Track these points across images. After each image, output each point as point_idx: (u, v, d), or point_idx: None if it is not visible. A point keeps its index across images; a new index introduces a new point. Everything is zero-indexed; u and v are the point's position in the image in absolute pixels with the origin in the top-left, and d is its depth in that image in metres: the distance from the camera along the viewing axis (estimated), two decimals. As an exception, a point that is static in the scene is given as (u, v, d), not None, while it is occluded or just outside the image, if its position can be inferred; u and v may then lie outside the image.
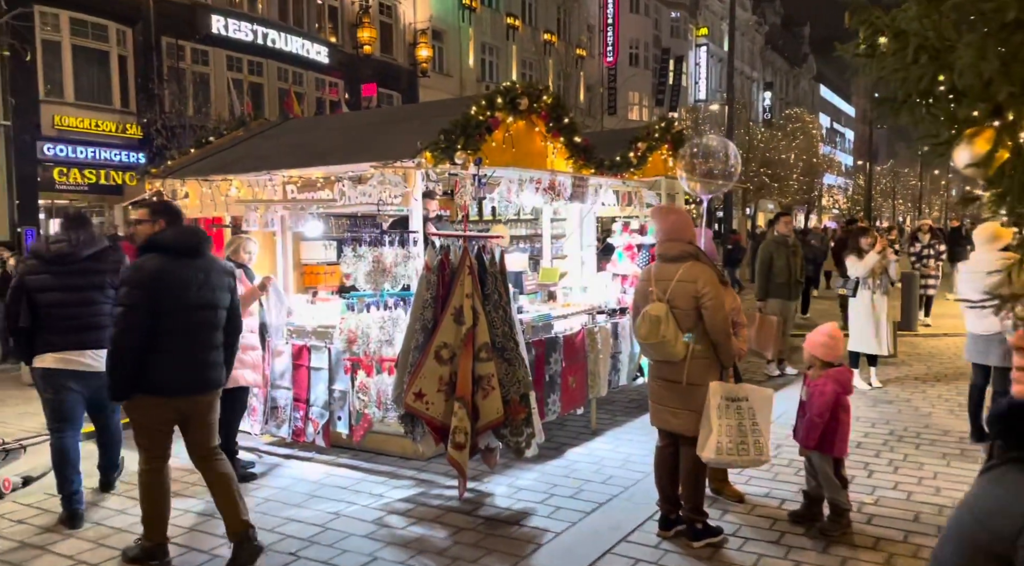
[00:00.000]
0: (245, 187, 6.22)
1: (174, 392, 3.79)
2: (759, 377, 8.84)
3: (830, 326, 4.56)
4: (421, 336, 4.48)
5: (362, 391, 4.92)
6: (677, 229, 4.15)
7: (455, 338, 4.46)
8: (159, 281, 3.68)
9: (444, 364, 4.43)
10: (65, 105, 17.96)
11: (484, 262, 4.64)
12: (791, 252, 8.55)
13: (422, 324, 4.48)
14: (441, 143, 5.38)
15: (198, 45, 21.07)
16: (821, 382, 4.31)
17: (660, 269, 4.17)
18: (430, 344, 4.44)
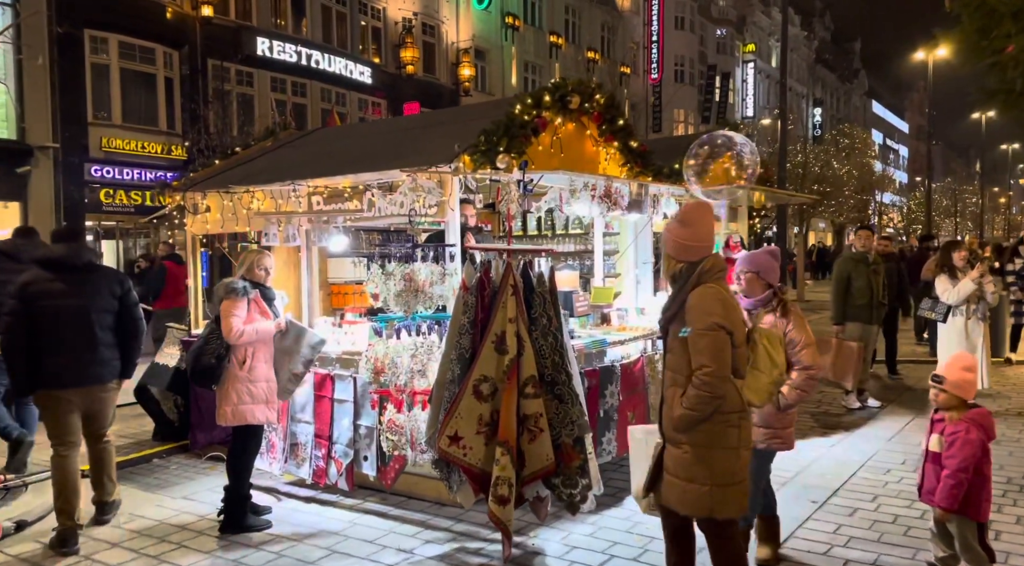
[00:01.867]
0: (268, 199, 5.67)
1: (66, 385, 4.38)
2: (836, 410, 7.92)
3: (965, 356, 3.84)
4: (457, 367, 3.80)
5: (392, 430, 4.25)
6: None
7: (497, 370, 3.77)
8: (31, 291, 4.33)
9: (484, 401, 3.74)
10: (112, 127, 18.11)
11: (531, 280, 3.95)
12: (872, 271, 7.62)
13: (458, 353, 3.81)
14: (481, 145, 4.75)
15: (243, 67, 21.25)
16: (963, 427, 3.51)
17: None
18: (468, 377, 3.75)
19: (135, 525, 4.76)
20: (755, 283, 3.86)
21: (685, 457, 3.04)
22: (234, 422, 4.35)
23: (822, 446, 6.51)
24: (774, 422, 3.81)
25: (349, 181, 5.17)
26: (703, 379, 2.94)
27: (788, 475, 5.66)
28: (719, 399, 2.96)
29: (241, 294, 4.33)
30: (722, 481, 3.01)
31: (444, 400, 3.78)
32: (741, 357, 3.10)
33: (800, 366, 3.67)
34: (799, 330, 3.71)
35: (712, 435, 3.01)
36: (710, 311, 2.97)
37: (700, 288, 3.04)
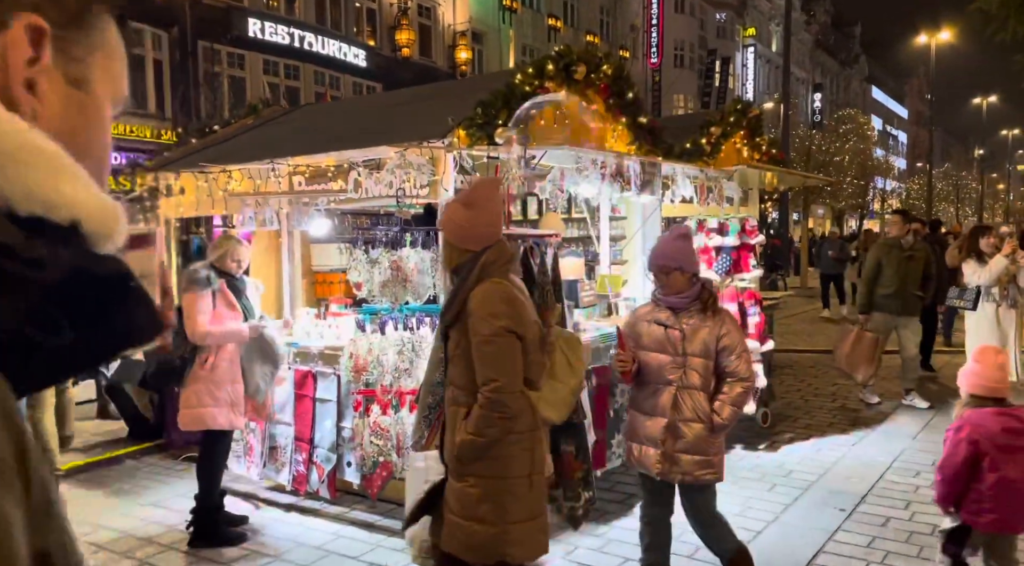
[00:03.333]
0: (246, 179, 5.20)
1: None
2: (854, 404, 7.49)
3: (984, 348, 3.41)
4: (447, 369, 3.35)
5: (377, 434, 3.80)
6: None
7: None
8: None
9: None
10: (101, 111, 17.60)
11: (531, 268, 3.50)
12: (907, 257, 7.05)
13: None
14: (478, 118, 4.28)
15: (234, 49, 20.76)
16: (956, 425, 3.28)
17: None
18: (460, 378, 3.30)
19: (97, 537, 4.33)
20: (679, 279, 3.19)
21: (470, 493, 2.52)
22: (193, 427, 3.91)
23: (843, 444, 6.09)
24: (707, 448, 3.15)
25: (333, 159, 4.70)
26: (490, 396, 2.43)
27: (811, 479, 5.23)
28: (511, 420, 2.46)
29: (204, 285, 3.87)
30: (516, 518, 2.51)
31: (430, 405, 3.33)
32: (536, 365, 2.59)
33: (736, 377, 3.13)
34: (733, 333, 3.17)
35: (502, 462, 2.51)
36: (495, 313, 2.47)
37: (483, 285, 2.53)
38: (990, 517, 3.15)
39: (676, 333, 3.13)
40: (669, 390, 3.11)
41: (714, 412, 3.09)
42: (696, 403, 3.09)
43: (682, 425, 3.09)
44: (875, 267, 7.13)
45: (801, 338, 12.03)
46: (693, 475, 3.13)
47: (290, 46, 21.25)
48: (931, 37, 33.95)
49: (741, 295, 5.83)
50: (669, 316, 3.19)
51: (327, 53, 22.25)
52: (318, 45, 22.03)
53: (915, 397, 7.20)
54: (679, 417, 3.09)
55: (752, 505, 4.74)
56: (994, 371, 3.22)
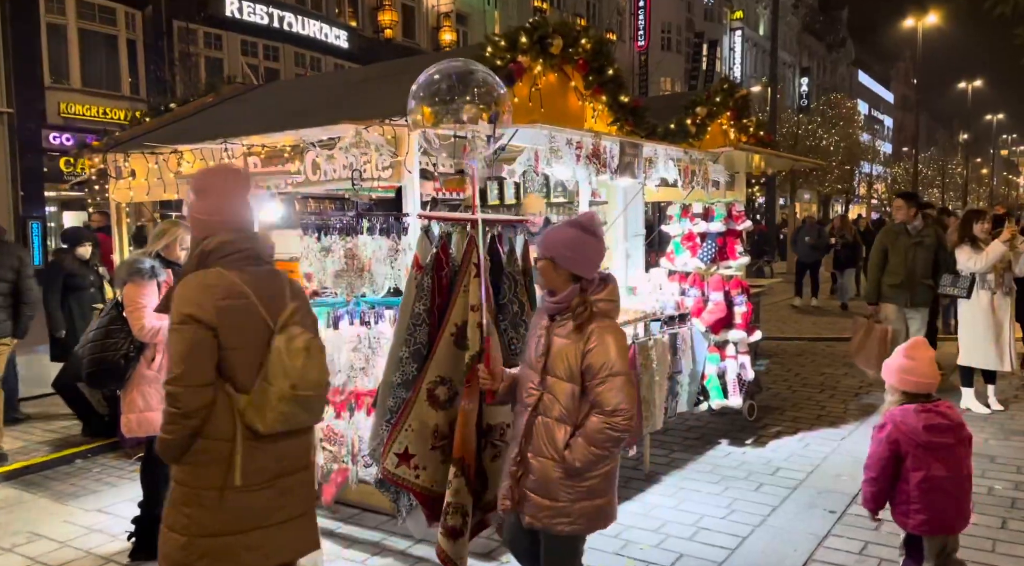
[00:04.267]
0: (199, 161, 4.84)
1: None
2: (844, 394, 7.25)
3: (915, 342, 3.23)
4: (410, 366, 3.03)
5: (329, 439, 3.49)
6: None
7: (456, 370, 3.01)
8: None
9: (441, 408, 2.99)
10: (71, 91, 17.19)
11: (500, 258, 3.18)
12: (915, 243, 6.61)
13: (412, 349, 3.04)
14: (444, 93, 3.94)
15: (211, 29, 20.32)
16: (880, 423, 3.16)
17: None
18: (420, 379, 2.99)
19: (32, 549, 4.00)
20: (552, 274, 2.60)
21: (171, 497, 2.35)
22: (140, 433, 3.58)
23: (832, 439, 5.85)
24: (558, 492, 2.52)
25: (290, 138, 4.35)
26: (167, 388, 2.25)
27: (799, 477, 4.98)
28: (190, 418, 2.24)
29: (148, 276, 3.53)
30: (206, 530, 2.28)
31: (390, 408, 3.02)
32: (240, 363, 2.32)
33: (599, 409, 2.45)
34: (602, 352, 2.47)
35: (190, 469, 2.30)
36: (187, 299, 2.30)
37: (196, 274, 2.35)
38: (919, 518, 3.02)
39: (541, 346, 2.58)
40: (525, 414, 2.59)
41: (567, 449, 2.48)
42: (551, 436, 2.50)
43: (531, 458, 2.55)
44: (881, 254, 6.75)
45: (788, 325, 11.81)
46: (541, 521, 2.55)
47: (269, 26, 20.79)
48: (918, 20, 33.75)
49: (727, 284, 5.55)
50: (547, 323, 2.63)
51: (308, 34, 21.77)
52: (298, 25, 21.55)
53: None
54: (529, 448, 2.56)
55: (737, 507, 4.48)
56: (927, 367, 3.06)
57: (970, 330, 6.48)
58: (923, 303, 6.69)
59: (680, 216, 5.63)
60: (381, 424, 3.01)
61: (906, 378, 3.06)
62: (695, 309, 5.49)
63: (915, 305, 6.64)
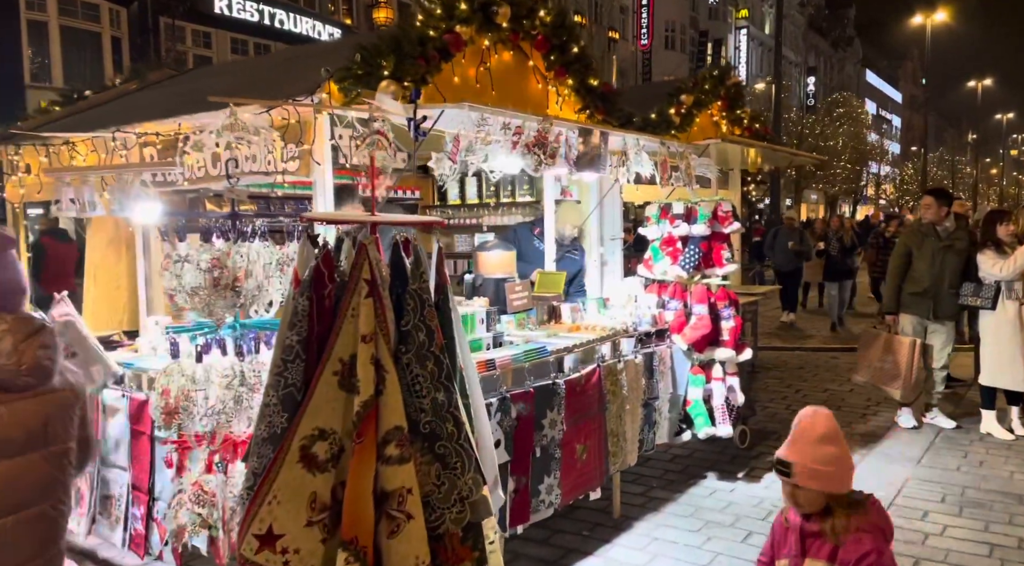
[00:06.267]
0: (91, 153, 4.16)
1: None
2: (849, 415, 6.50)
3: (818, 417, 2.27)
4: (279, 417, 2.33)
5: (199, 500, 2.79)
6: None
7: (342, 420, 2.31)
8: None
9: (321, 471, 2.28)
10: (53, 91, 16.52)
11: (404, 271, 2.48)
12: (945, 247, 5.86)
13: (281, 394, 2.33)
14: (356, 68, 3.26)
15: (199, 26, 19.74)
16: (868, 547, 2.12)
17: None
18: (291, 432, 2.28)
19: None
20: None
21: None
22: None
23: (834, 472, 5.11)
24: None
25: (188, 125, 3.65)
26: None
27: (794, 523, 4.25)
28: None
29: None
30: None
31: (254, 471, 2.32)
32: None
33: None
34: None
35: None
36: None
37: None
38: None
39: None
40: None
41: None
42: None
43: None
44: (904, 258, 5.99)
45: (789, 334, 11.06)
46: None
47: (260, 24, 20.19)
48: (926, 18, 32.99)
49: (713, 294, 4.83)
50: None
51: (300, 31, 21.14)
52: (290, 23, 20.96)
53: (939, 415, 6.16)
54: None
55: (721, 563, 3.77)
56: (818, 447, 2.19)
57: (995, 346, 5.74)
58: (948, 316, 5.93)
59: (659, 217, 4.92)
60: (244, 494, 2.30)
61: (837, 476, 2.22)
62: (676, 324, 4.77)
63: (939, 317, 5.88)
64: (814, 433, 2.23)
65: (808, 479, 2.20)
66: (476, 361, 3.32)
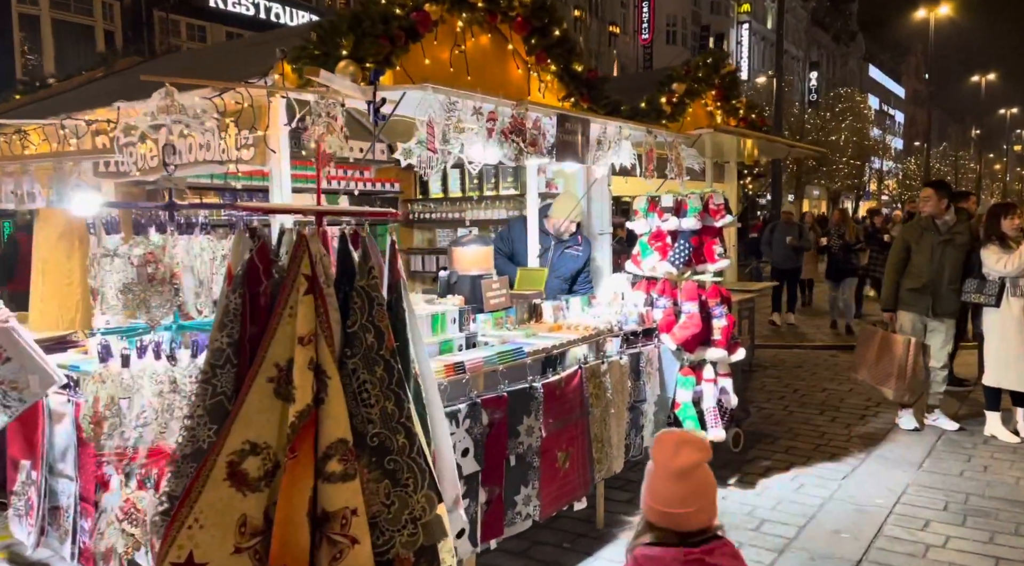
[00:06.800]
0: (43, 142, 3.92)
1: None
2: (847, 417, 6.27)
3: (667, 440, 1.99)
4: (205, 429, 2.10)
5: (130, 518, 2.57)
6: None
7: (276, 432, 2.08)
8: None
9: (252, 490, 2.05)
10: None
11: (352, 266, 2.25)
12: (944, 241, 5.64)
13: (209, 404, 2.10)
14: (312, 47, 3.02)
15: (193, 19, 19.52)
16: None
17: None
18: (217, 446, 2.06)
19: None
20: None
21: None
22: None
23: (831, 479, 4.89)
24: None
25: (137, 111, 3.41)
26: None
27: (788, 533, 4.02)
28: None
29: None
30: None
31: (168, 492, 2.09)
32: None
33: None
34: None
35: None
36: None
37: None
38: None
39: None
40: None
41: None
42: None
43: None
44: (902, 253, 5.77)
45: (787, 330, 10.82)
46: None
47: (255, 17, 19.97)
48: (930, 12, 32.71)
49: (704, 292, 4.59)
50: None
51: (296, 25, 20.90)
52: (286, 16, 20.76)
53: (941, 416, 5.92)
54: None
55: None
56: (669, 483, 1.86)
57: (999, 345, 5.49)
58: (949, 313, 5.70)
59: (647, 211, 4.67)
60: (158, 520, 2.07)
61: (646, 500, 1.91)
62: (664, 323, 4.53)
63: (939, 315, 5.66)
64: (671, 467, 1.88)
65: (659, 519, 1.87)
66: (444, 364, 3.10)
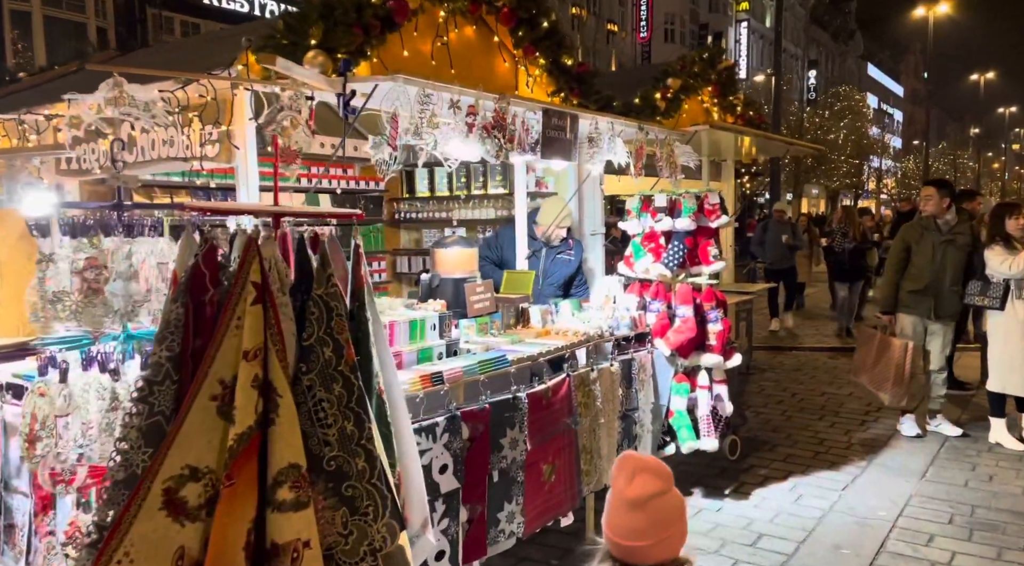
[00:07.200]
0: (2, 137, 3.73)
1: None
2: (846, 423, 6.08)
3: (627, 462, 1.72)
4: (139, 453, 1.90)
5: (74, 541, 2.38)
6: None
7: (216, 454, 1.88)
8: None
9: (190, 520, 1.86)
10: (37, 83, 16.19)
11: (310, 272, 2.05)
12: (946, 242, 5.44)
13: (145, 424, 1.90)
14: (280, 37, 2.83)
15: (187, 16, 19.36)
16: None
17: None
18: (151, 471, 1.86)
19: None
20: None
21: None
22: None
23: (831, 487, 4.70)
24: None
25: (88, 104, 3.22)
26: None
27: (787, 549, 3.83)
28: None
29: None
30: None
31: (98, 523, 1.89)
32: None
33: None
34: None
35: None
36: None
37: None
38: None
39: None
40: None
41: None
42: None
43: None
44: (901, 254, 5.57)
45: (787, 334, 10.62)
46: None
47: (250, 14, 19.85)
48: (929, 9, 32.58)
49: (699, 295, 4.40)
50: None
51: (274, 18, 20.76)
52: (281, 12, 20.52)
53: (943, 422, 5.73)
54: None
55: (701, 598, 3.35)
56: (623, 513, 1.65)
57: (1003, 349, 5.31)
58: (949, 315, 5.52)
59: (640, 211, 4.48)
60: (84, 553, 1.87)
61: (604, 530, 1.71)
62: (658, 327, 4.34)
63: (939, 317, 5.47)
64: (625, 495, 1.67)
65: (623, 555, 1.69)
66: (420, 375, 2.91)
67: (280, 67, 2.33)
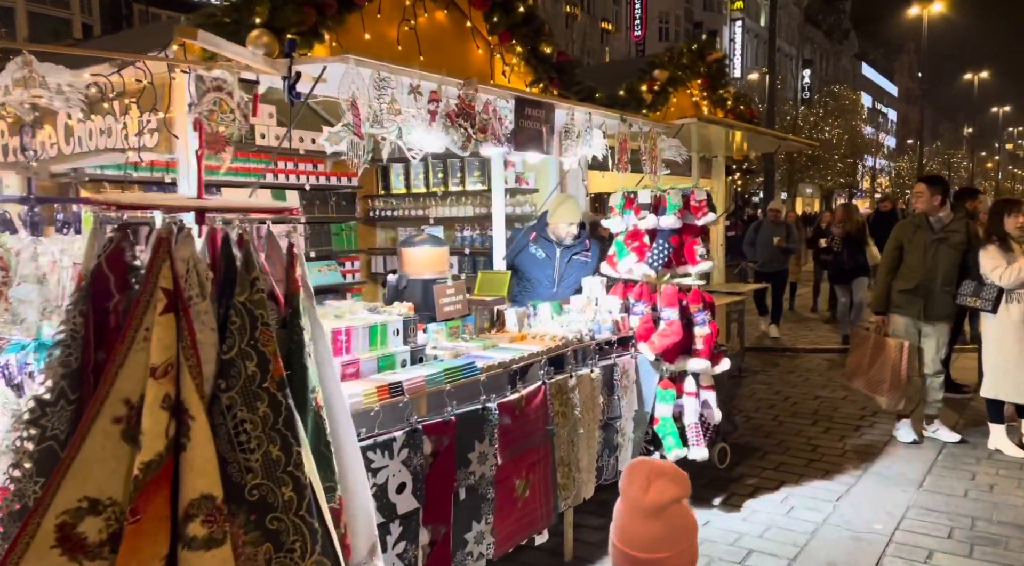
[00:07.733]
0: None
1: None
2: (841, 428, 5.85)
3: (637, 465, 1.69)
4: (31, 484, 1.66)
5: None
6: None
7: (121, 483, 1.65)
8: None
9: (89, 559, 1.62)
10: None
11: (234, 273, 1.81)
12: (939, 240, 5.24)
13: (37, 452, 1.66)
14: (222, 15, 2.59)
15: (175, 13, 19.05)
16: None
17: None
18: (42, 503, 1.62)
19: None
20: None
21: None
22: None
23: (825, 498, 4.48)
24: None
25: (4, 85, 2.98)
26: None
27: (777, 568, 3.61)
28: None
29: None
30: None
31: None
32: None
33: None
34: None
35: None
36: None
37: None
38: None
39: None
40: None
41: None
42: None
43: None
44: (894, 253, 5.36)
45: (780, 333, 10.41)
46: None
47: (236, 9, 19.54)
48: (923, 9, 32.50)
49: (685, 296, 4.17)
50: None
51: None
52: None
53: (940, 427, 5.51)
54: None
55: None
56: (638, 523, 1.59)
57: (996, 353, 5.09)
58: (941, 317, 5.30)
59: (624, 208, 4.25)
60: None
61: (613, 544, 1.64)
62: (642, 330, 4.11)
63: (931, 318, 5.26)
64: (642, 503, 1.56)
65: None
66: (376, 385, 2.67)
67: (204, 43, 2.09)
